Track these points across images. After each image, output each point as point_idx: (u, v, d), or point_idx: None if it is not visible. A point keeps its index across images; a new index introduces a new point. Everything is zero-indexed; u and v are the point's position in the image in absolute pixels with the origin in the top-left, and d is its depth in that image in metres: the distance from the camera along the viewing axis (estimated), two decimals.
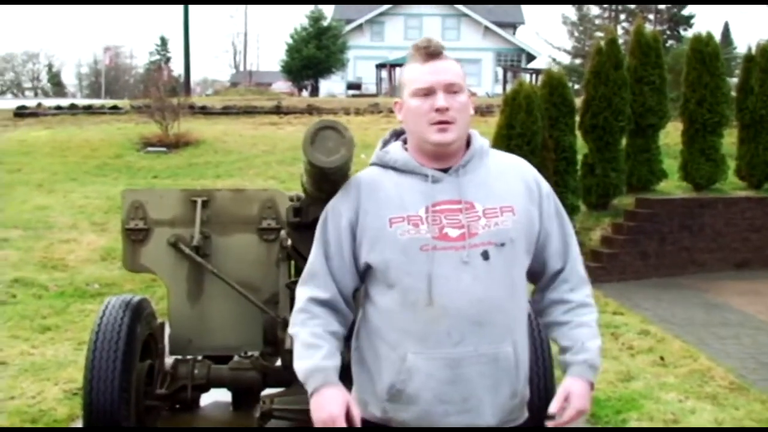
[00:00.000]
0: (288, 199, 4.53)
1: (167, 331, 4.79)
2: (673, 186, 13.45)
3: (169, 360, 4.77)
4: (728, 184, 13.45)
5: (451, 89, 2.39)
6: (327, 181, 2.57)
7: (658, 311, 9.39)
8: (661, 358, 7.23)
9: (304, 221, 3.19)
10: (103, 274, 10.34)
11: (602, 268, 11.42)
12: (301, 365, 2.39)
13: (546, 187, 2.54)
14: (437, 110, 2.36)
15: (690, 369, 6.90)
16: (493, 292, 2.36)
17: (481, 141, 2.53)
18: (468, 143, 2.50)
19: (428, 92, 2.38)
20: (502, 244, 2.37)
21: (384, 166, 2.48)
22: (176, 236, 4.61)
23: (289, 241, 4.04)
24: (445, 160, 2.44)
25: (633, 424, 5.68)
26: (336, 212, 2.45)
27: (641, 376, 6.73)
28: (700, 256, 12.31)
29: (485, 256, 2.36)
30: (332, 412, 2.31)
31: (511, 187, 2.46)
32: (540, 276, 2.56)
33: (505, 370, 2.39)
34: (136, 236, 4.63)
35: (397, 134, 2.60)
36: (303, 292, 2.48)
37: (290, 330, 2.48)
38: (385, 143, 2.59)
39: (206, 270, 4.61)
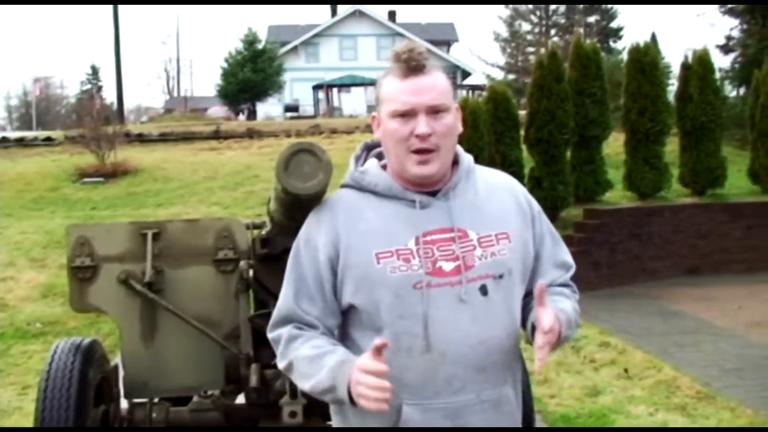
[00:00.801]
0: (245, 227, 4.31)
1: (121, 373, 4.50)
2: (618, 196, 13.51)
3: (124, 404, 4.48)
4: (673, 191, 13.57)
5: (434, 110, 2.10)
6: (301, 210, 2.35)
7: (616, 322, 9.33)
8: (626, 371, 7.14)
9: (272, 252, 2.96)
10: (45, 311, 9.91)
11: None
12: (314, 385, 2.07)
13: (536, 206, 2.33)
14: (417, 136, 2.09)
15: (655, 380, 6.82)
16: (494, 332, 2.13)
17: (468, 158, 2.28)
18: (455, 160, 2.23)
19: (408, 114, 2.09)
20: (501, 276, 2.14)
21: (362, 189, 2.20)
22: (126, 272, 4.32)
23: (251, 273, 3.81)
24: (429, 185, 2.18)
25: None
26: (311, 246, 2.16)
27: (608, 390, 6.62)
28: (650, 264, 12.35)
29: (483, 291, 2.12)
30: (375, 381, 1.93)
31: (504, 209, 2.23)
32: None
33: (508, 413, 2.19)
34: (83, 274, 4.33)
35: (369, 148, 2.32)
36: (280, 330, 2.18)
37: (281, 364, 2.17)
38: (357, 159, 2.30)
39: (160, 306, 4.34)
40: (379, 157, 2.27)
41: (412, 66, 2.10)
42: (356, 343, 2.16)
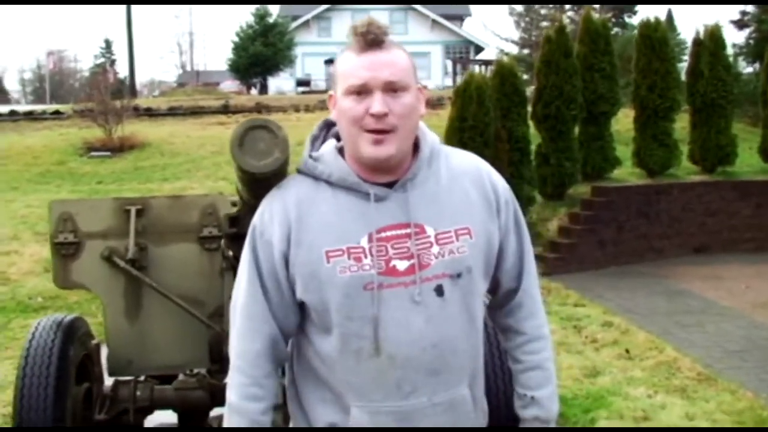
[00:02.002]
0: (230, 204, 4.22)
1: (105, 351, 4.45)
2: (627, 173, 13.35)
3: (108, 382, 4.43)
4: (682, 169, 13.39)
5: (391, 88, 1.94)
6: (262, 188, 2.25)
7: (620, 301, 9.23)
8: (627, 351, 7.06)
9: (240, 231, 2.87)
10: (47, 286, 9.86)
11: (561, 258, 11.27)
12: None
13: (504, 191, 2.14)
14: (372, 115, 1.93)
15: (656, 361, 6.74)
16: (449, 334, 2.01)
17: (431, 142, 2.10)
18: (415, 145, 2.06)
19: (363, 91, 1.94)
20: (458, 276, 2.00)
21: (315, 177, 2.05)
22: (110, 249, 4.25)
23: (230, 252, 3.73)
24: (387, 171, 2.01)
25: (602, 423, 5.47)
26: (265, 240, 2.03)
27: (607, 370, 6.54)
28: (658, 243, 12.22)
29: (439, 291, 1.99)
30: None
31: (466, 202, 2.06)
32: (493, 292, 2.20)
33: (463, 413, 2.07)
34: (66, 250, 4.27)
35: (329, 126, 2.16)
36: (237, 344, 2.07)
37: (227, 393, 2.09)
38: (314, 140, 2.14)
39: (144, 284, 4.28)
40: (338, 138, 2.12)
41: (369, 40, 1.95)
42: (309, 338, 2.07)
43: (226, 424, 2.09)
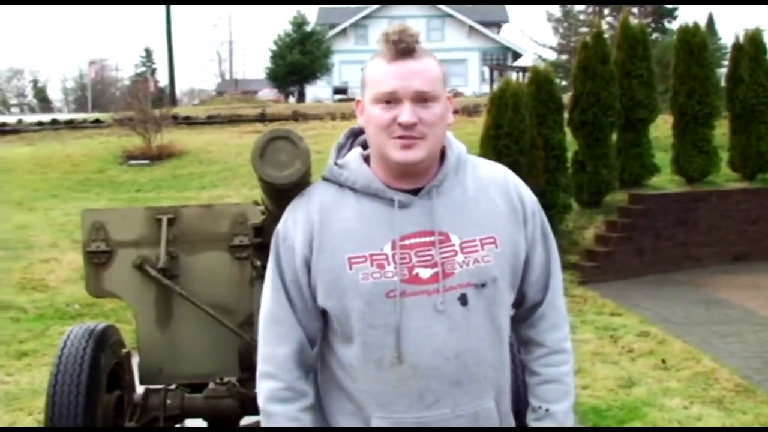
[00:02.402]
0: (261, 213, 4.23)
1: (136, 359, 4.48)
2: (665, 180, 13.19)
3: (140, 391, 4.46)
4: (721, 176, 13.22)
5: (421, 98, 1.93)
6: (285, 199, 2.25)
7: (657, 310, 9.11)
8: (663, 361, 6.96)
9: (265, 241, 2.87)
10: (84, 294, 9.78)
11: (597, 267, 11.15)
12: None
13: (532, 202, 2.12)
14: (401, 125, 1.92)
15: (693, 372, 6.64)
16: (473, 344, 1.98)
17: (458, 150, 2.09)
18: (442, 153, 2.05)
19: (392, 100, 1.93)
20: (483, 285, 1.98)
21: (340, 184, 2.04)
22: (142, 258, 4.29)
23: (258, 261, 3.74)
24: (414, 178, 2.00)
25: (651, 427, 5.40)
26: (288, 246, 2.02)
27: (643, 381, 6.46)
28: (696, 251, 12.05)
29: (463, 300, 1.96)
30: None
31: (493, 211, 2.04)
32: (518, 305, 2.17)
33: (488, 427, 2.05)
34: (98, 259, 4.31)
35: (356, 134, 2.16)
36: (264, 349, 2.06)
37: (259, 402, 2.07)
38: (340, 148, 2.14)
39: (175, 292, 4.30)
40: (366, 145, 2.12)
41: (400, 49, 1.93)
42: (332, 347, 2.06)
43: (263, 427, 2.07)
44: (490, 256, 1.99)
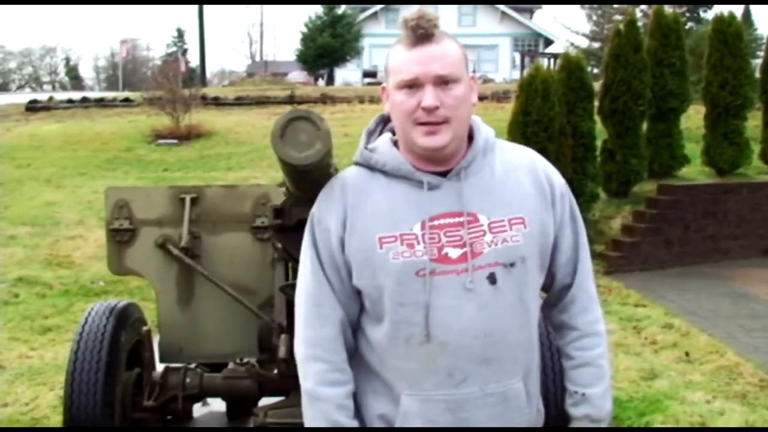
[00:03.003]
0: (283, 194, 4.22)
1: (156, 337, 4.49)
2: (695, 171, 13.02)
3: (159, 369, 4.47)
4: (752, 168, 13.02)
5: (442, 81, 1.97)
6: (305, 180, 2.23)
7: (683, 303, 9.01)
8: (686, 354, 6.89)
9: (287, 224, 2.85)
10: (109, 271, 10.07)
11: (623, 257, 11.05)
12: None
13: (560, 185, 2.15)
14: (424, 109, 1.96)
15: (717, 365, 6.56)
16: (502, 323, 2.00)
17: (486, 133, 2.12)
18: (470, 137, 2.09)
19: (414, 85, 1.97)
20: (512, 265, 2.01)
21: (371, 168, 2.09)
22: (164, 237, 4.30)
23: (278, 244, 3.73)
24: (442, 161, 2.04)
25: (658, 426, 5.35)
26: (323, 228, 2.07)
27: (665, 373, 6.39)
28: (725, 244, 11.89)
29: (492, 279, 1.99)
30: None
31: (521, 192, 2.07)
32: (547, 288, 2.19)
33: (516, 409, 2.05)
34: (121, 237, 4.33)
35: (386, 120, 2.21)
36: (306, 332, 2.07)
37: (303, 383, 2.08)
38: (370, 134, 2.19)
39: (197, 272, 4.31)
40: (394, 132, 2.16)
41: (419, 35, 1.98)
42: (364, 331, 2.09)
43: (307, 414, 2.07)
44: (518, 236, 2.02)
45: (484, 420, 2.01)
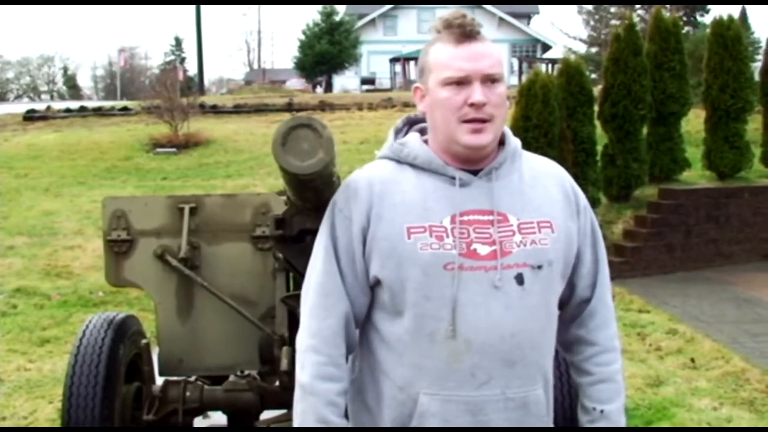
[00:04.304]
0: (284, 203, 4.15)
1: (156, 350, 4.41)
2: (696, 175, 12.97)
3: (159, 382, 4.39)
4: (754, 172, 12.97)
5: (490, 78, 1.96)
6: (307, 189, 2.16)
7: (686, 308, 8.95)
8: (692, 360, 6.82)
9: (288, 234, 2.78)
10: None
11: (626, 262, 10.98)
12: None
13: (584, 199, 2.15)
14: (472, 105, 1.95)
15: (723, 371, 6.49)
16: (528, 325, 1.96)
17: (515, 141, 2.12)
18: (501, 142, 2.08)
19: (462, 82, 1.95)
20: (539, 267, 1.98)
21: (400, 161, 2.06)
22: (163, 247, 4.22)
23: (280, 254, 3.66)
24: (475, 161, 2.03)
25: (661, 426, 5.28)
26: (344, 216, 2.02)
27: (671, 380, 6.32)
28: (727, 248, 11.84)
29: (519, 280, 1.96)
30: None
31: (549, 198, 2.06)
32: (565, 302, 2.14)
33: (536, 416, 2.01)
34: (119, 248, 4.25)
35: (412, 122, 2.18)
36: (310, 322, 2.02)
37: (299, 375, 2.03)
38: (398, 132, 2.16)
39: (196, 283, 4.23)
40: (422, 132, 2.13)
41: (467, 32, 1.97)
42: (375, 325, 2.04)
43: (297, 407, 2.02)
44: (546, 239, 2.00)
45: (502, 424, 1.96)
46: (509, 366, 1.95)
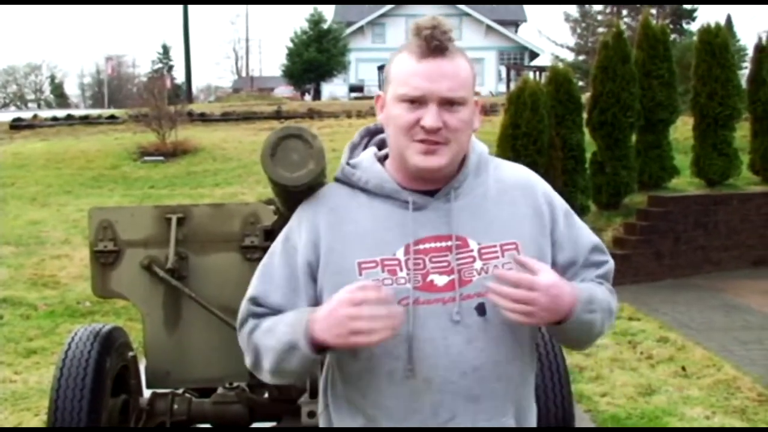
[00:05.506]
0: (273, 213, 4.10)
1: (143, 362, 4.35)
2: (685, 182, 12.98)
3: (146, 395, 4.33)
4: (742, 179, 12.99)
5: (448, 102, 1.80)
6: (297, 201, 2.11)
7: (676, 315, 8.93)
8: (683, 369, 6.79)
9: None
10: None
11: (615, 270, 10.90)
12: (274, 356, 1.85)
13: (560, 204, 1.99)
14: (423, 128, 1.79)
15: (714, 380, 6.46)
16: (492, 357, 1.83)
17: (480, 150, 1.96)
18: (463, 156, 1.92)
19: (417, 101, 1.80)
20: None
21: (352, 185, 1.93)
22: (150, 258, 4.15)
23: None
24: (433, 181, 1.88)
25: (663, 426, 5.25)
26: (289, 246, 1.92)
27: (663, 389, 6.29)
28: (715, 255, 11.85)
29: (481, 310, 1.82)
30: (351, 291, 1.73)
31: (516, 215, 1.91)
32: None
33: None
34: (105, 259, 4.19)
35: (372, 133, 2.05)
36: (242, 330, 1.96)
37: (248, 361, 1.96)
38: (354, 148, 2.03)
39: (184, 294, 4.17)
40: (382, 145, 2.00)
41: (432, 46, 1.79)
42: (337, 364, 1.94)
43: (263, 347, 1.89)
44: (510, 264, 1.83)
45: None
46: (474, 401, 1.83)
